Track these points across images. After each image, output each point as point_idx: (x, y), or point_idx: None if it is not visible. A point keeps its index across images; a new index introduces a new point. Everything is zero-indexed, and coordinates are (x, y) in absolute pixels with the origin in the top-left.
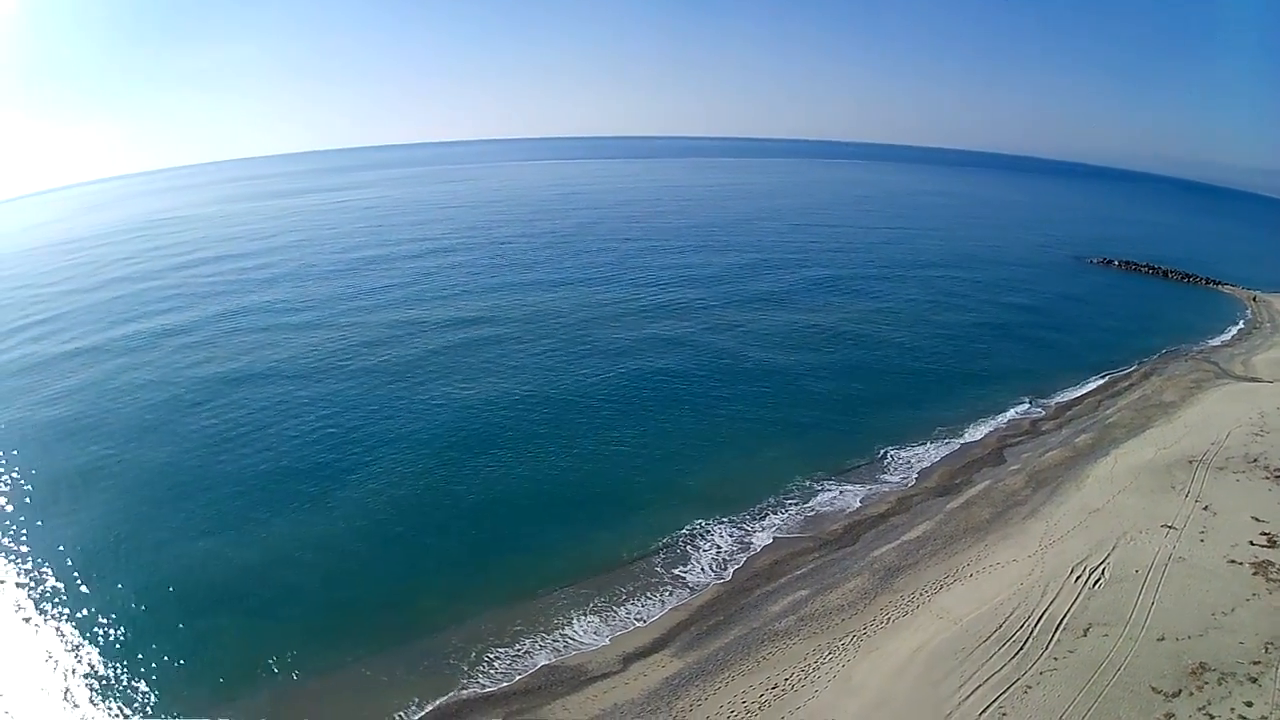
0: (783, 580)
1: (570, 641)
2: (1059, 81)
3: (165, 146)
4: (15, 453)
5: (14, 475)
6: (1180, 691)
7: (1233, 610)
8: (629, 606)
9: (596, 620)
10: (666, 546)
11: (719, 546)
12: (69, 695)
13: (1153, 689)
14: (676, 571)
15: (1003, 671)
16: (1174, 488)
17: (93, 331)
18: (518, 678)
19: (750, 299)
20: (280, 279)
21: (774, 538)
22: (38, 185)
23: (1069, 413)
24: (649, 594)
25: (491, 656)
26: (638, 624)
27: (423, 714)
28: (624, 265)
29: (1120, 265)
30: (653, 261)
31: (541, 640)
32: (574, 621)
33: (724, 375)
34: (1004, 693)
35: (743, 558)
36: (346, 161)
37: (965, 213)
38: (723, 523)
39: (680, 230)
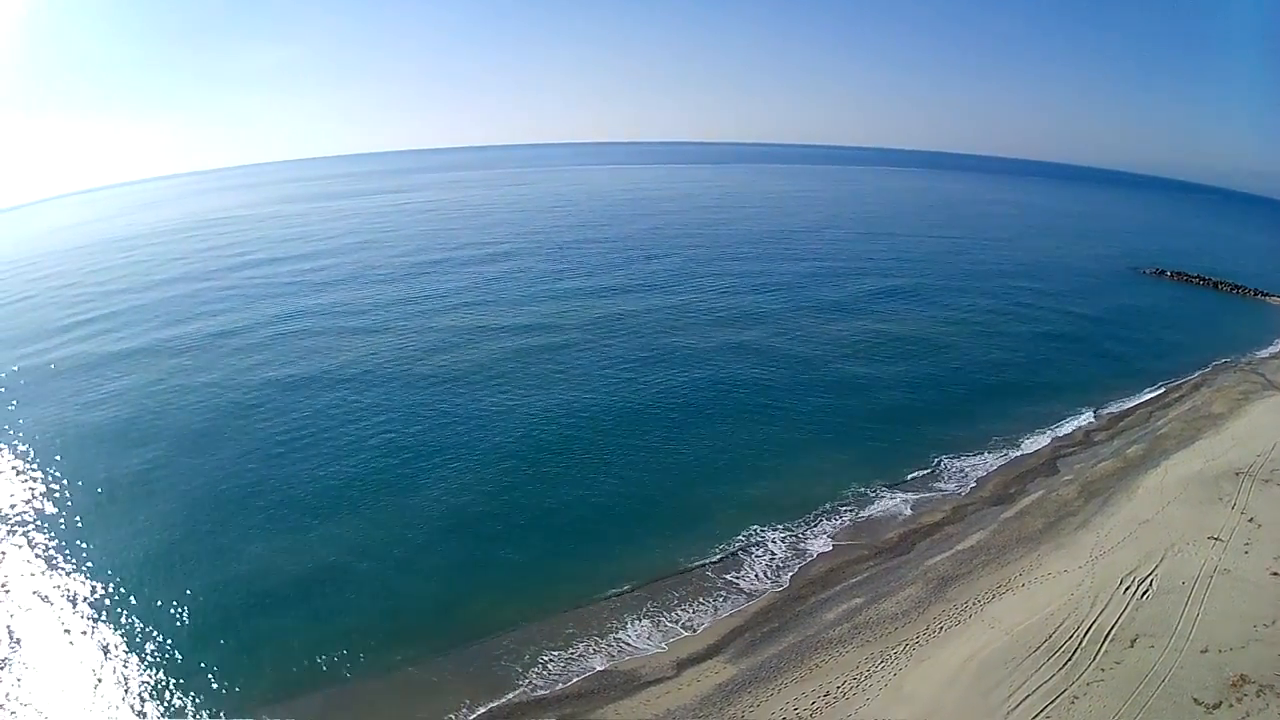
0: (838, 588)
1: (624, 646)
2: (1108, 89)
3: (220, 146)
4: (69, 455)
5: (67, 478)
6: (1221, 703)
7: (1274, 622)
8: (684, 612)
9: (651, 625)
10: (723, 553)
11: (775, 553)
12: (126, 693)
13: (1194, 700)
14: (732, 578)
15: (1051, 682)
16: (1221, 499)
17: (146, 331)
18: (571, 681)
19: (813, 307)
20: (339, 282)
21: (830, 545)
22: (92, 182)
23: (1121, 423)
24: (704, 600)
25: (545, 660)
26: (692, 630)
27: (475, 716)
28: (689, 272)
29: (1172, 276)
30: (719, 268)
31: (596, 644)
32: (628, 626)
33: (783, 383)
34: (1051, 703)
35: (798, 565)
36: (405, 164)
37: (1023, 222)
38: (779, 529)
39: (746, 237)
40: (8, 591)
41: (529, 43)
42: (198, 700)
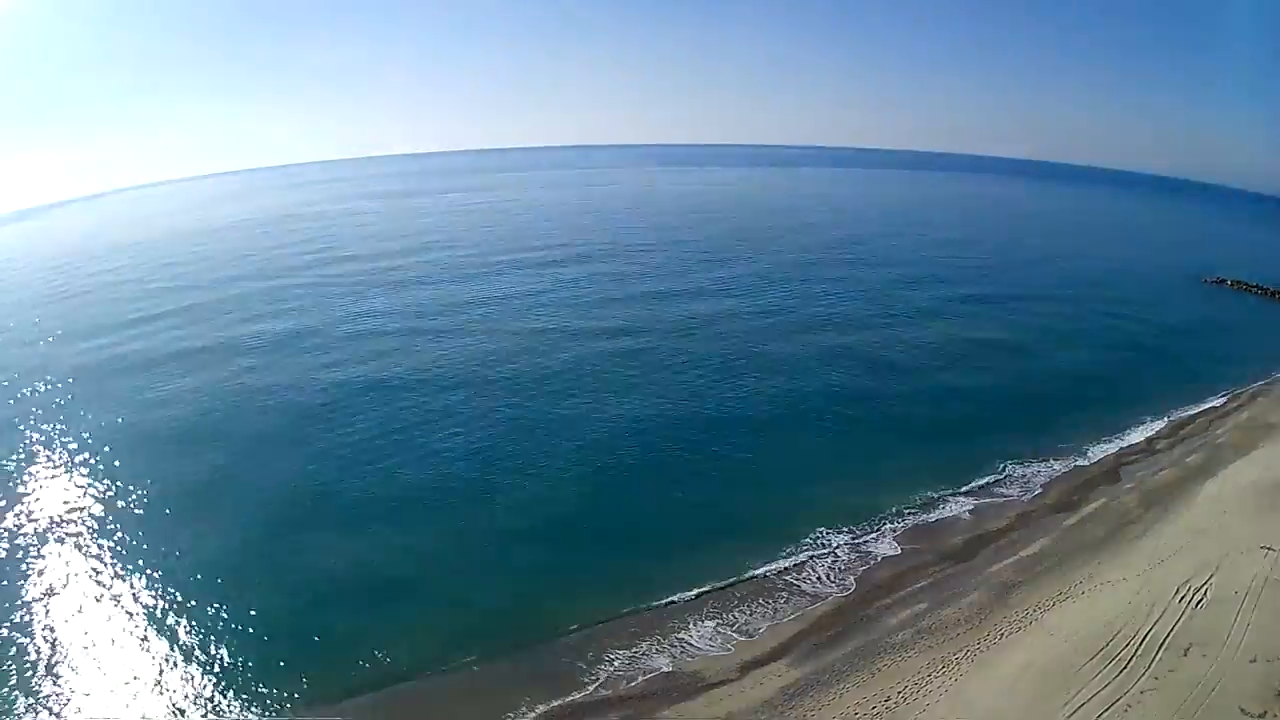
0: (902, 593)
1: (689, 648)
2: (1166, 97)
3: (279, 143)
4: (135, 453)
5: (134, 475)
6: (1266, 713)
7: None
8: (749, 615)
9: (716, 628)
10: (788, 556)
11: (840, 557)
12: (194, 688)
13: (1240, 710)
14: (797, 581)
15: (1106, 690)
16: (1275, 509)
17: (216, 329)
18: (635, 682)
19: (880, 313)
20: (411, 282)
21: (896, 550)
22: (149, 177)
23: (1182, 432)
24: (769, 603)
25: (610, 661)
26: (757, 633)
27: (538, 715)
28: (768, 278)
29: (1232, 285)
30: (789, 274)
31: (661, 646)
32: (693, 628)
33: (851, 388)
34: (1106, 710)
35: (864, 569)
36: (467, 163)
37: (1085, 231)
38: (845, 533)
39: (824, 243)
40: (76, 588)
41: (595, 45)
42: (265, 696)
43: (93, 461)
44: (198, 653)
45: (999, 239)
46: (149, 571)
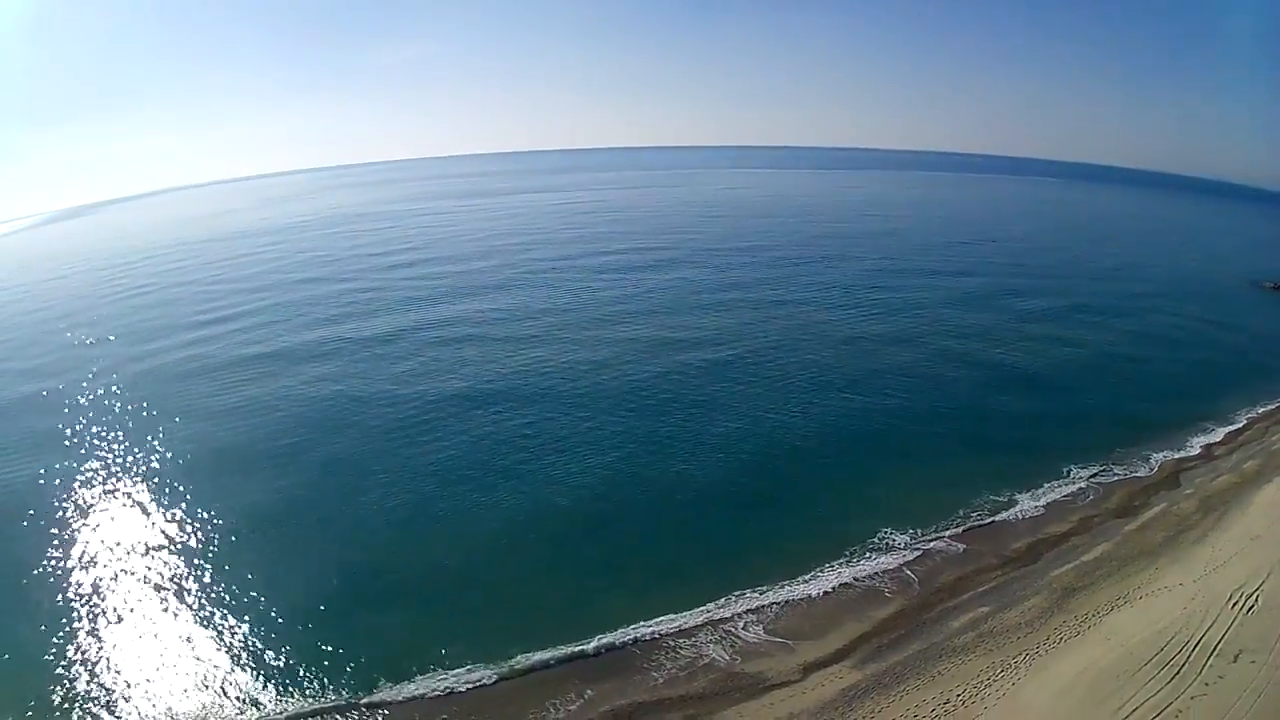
0: (965, 596)
1: (751, 648)
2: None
3: (347, 142)
4: (202, 460)
5: (200, 480)
6: None
7: None
8: (812, 615)
9: (780, 628)
10: (854, 556)
11: (905, 559)
12: (246, 673)
13: None
14: (862, 582)
15: (1159, 695)
16: None
17: (283, 333)
18: (697, 682)
19: (952, 317)
20: (491, 287)
21: (961, 553)
22: (212, 176)
23: (1239, 438)
24: (832, 603)
25: (671, 660)
26: (819, 634)
27: (595, 714)
28: (849, 286)
29: None
30: (876, 281)
31: (723, 646)
32: (756, 628)
33: (921, 389)
34: (1155, 717)
35: (928, 571)
36: (543, 164)
37: (1137, 234)
38: (911, 535)
39: (899, 251)
40: (137, 577)
41: (664, 48)
42: (319, 683)
43: (156, 464)
44: (257, 644)
45: (1053, 244)
46: (203, 561)
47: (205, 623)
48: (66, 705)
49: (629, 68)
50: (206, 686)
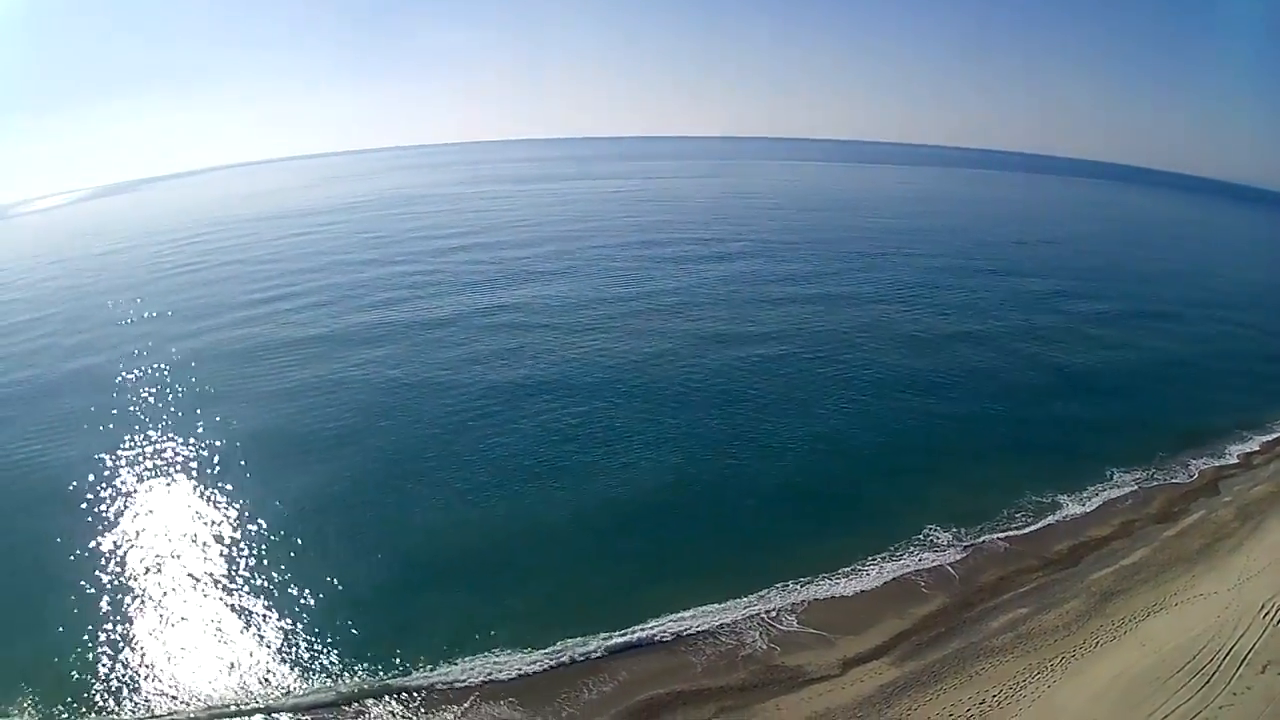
0: (1006, 597)
1: (792, 640)
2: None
3: (393, 125)
4: (243, 442)
5: (243, 465)
6: None
7: None
8: (854, 610)
9: (821, 621)
10: (896, 554)
11: (948, 557)
12: (297, 651)
13: None
14: (904, 579)
15: (1189, 703)
16: None
17: (336, 315)
18: (736, 673)
19: (1008, 319)
20: (548, 274)
21: (1003, 553)
22: (276, 153)
23: (1277, 449)
24: (875, 599)
25: (712, 650)
26: (861, 629)
27: (634, 702)
28: (906, 284)
29: None
30: (933, 280)
31: (764, 638)
32: (798, 621)
33: (968, 389)
34: None
35: (970, 571)
36: (592, 151)
37: (1216, 243)
38: (954, 534)
39: (957, 249)
40: (183, 558)
41: (728, 35)
42: (363, 665)
43: (204, 444)
44: (302, 625)
45: (1113, 249)
46: (254, 542)
47: (249, 604)
48: (115, 684)
49: (686, 55)
50: (249, 666)
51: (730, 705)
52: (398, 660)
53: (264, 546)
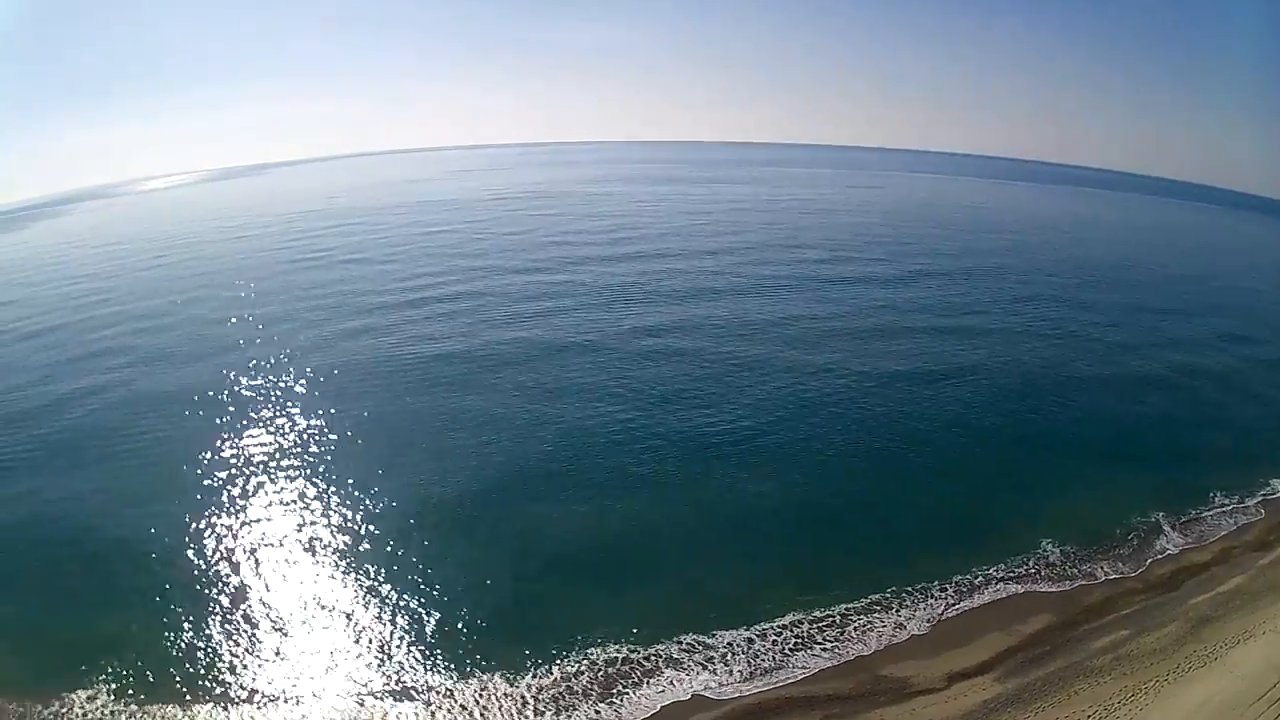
0: (1109, 618)
1: (902, 651)
2: None
3: (525, 121)
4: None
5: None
6: None
7: None
8: (963, 624)
9: (931, 633)
10: (1007, 569)
11: (1058, 576)
12: (412, 640)
13: None
14: (1011, 595)
15: None
16: None
17: (472, 328)
18: (843, 680)
19: (1146, 345)
20: (697, 291)
21: (1110, 574)
22: (408, 144)
23: None
24: (984, 614)
25: (818, 655)
26: (967, 642)
27: (741, 702)
28: (1044, 300)
29: None
30: (1073, 296)
31: (869, 646)
32: (905, 630)
33: (1084, 407)
34: None
35: (1077, 590)
36: (744, 156)
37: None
38: (1065, 551)
39: (1063, 265)
40: (300, 541)
41: (866, 42)
42: (476, 651)
43: (331, 439)
44: (417, 605)
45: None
46: (374, 523)
47: (381, 594)
48: (244, 664)
49: (821, 63)
50: (370, 653)
51: (836, 713)
52: (504, 651)
53: (393, 543)
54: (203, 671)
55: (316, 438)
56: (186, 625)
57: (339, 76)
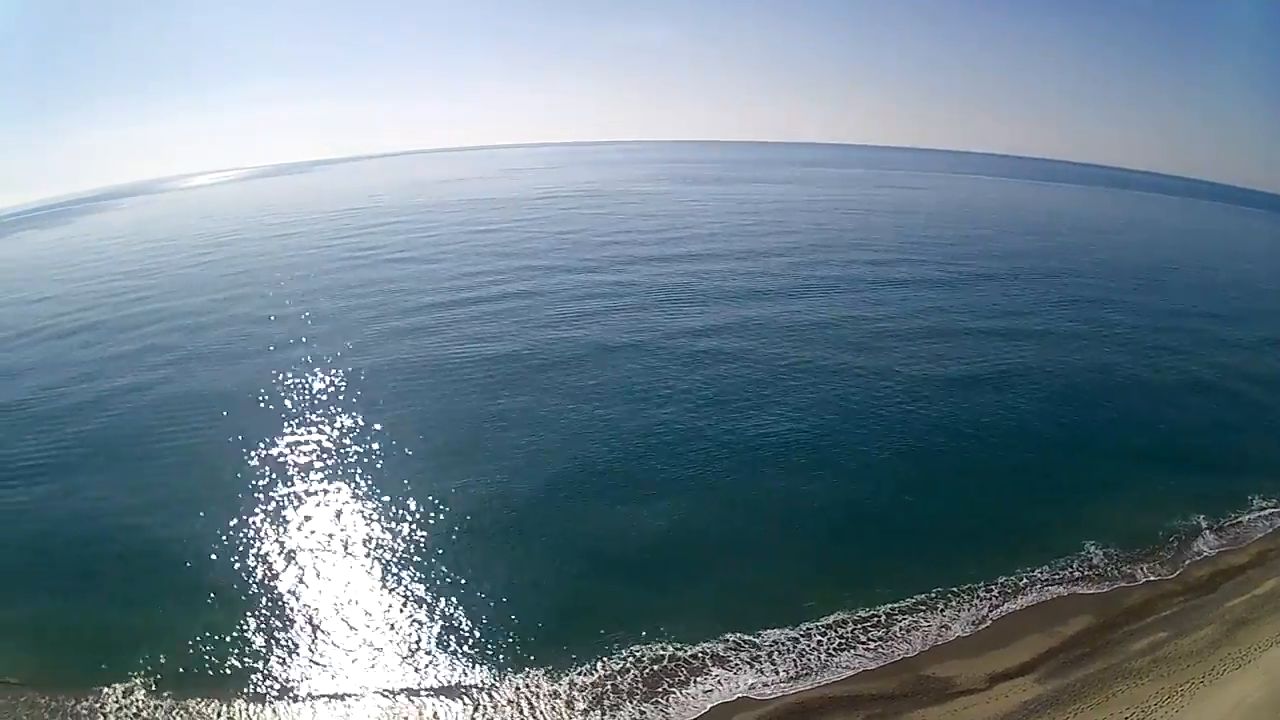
0: (1148, 620)
1: (945, 652)
2: None
3: (561, 120)
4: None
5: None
6: None
7: None
8: (1006, 625)
9: (974, 634)
10: (1049, 571)
11: (1099, 577)
12: (447, 639)
13: None
14: (1053, 597)
15: None
16: None
17: (523, 329)
18: (885, 680)
19: (1195, 351)
20: (746, 293)
21: (1150, 576)
22: (459, 142)
23: None
24: (1027, 615)
25: (861, 654)
26: (1009, 643)
27: (786, 700)
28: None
29: None
30: (1128, 298)
31: (913, 646)
32: (952, 632)
33: (1124, 411)
34: None
35: (1117, 592)
36: (788, 156)
37: None
38: (1107, 553)
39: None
40: (341, 541)
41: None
42: (519, 647)
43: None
44: (463, 607)
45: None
46: (417, 520)
47: (407, 595)
48: (263, 668)
49: (866, 64)
50: (424, 649)
51: (879, 713)
52: (549, 648)
53: (437, 541)
54: (240, 668)
55: (360, 438)
56: (224, 623)
57: (388, 76)
